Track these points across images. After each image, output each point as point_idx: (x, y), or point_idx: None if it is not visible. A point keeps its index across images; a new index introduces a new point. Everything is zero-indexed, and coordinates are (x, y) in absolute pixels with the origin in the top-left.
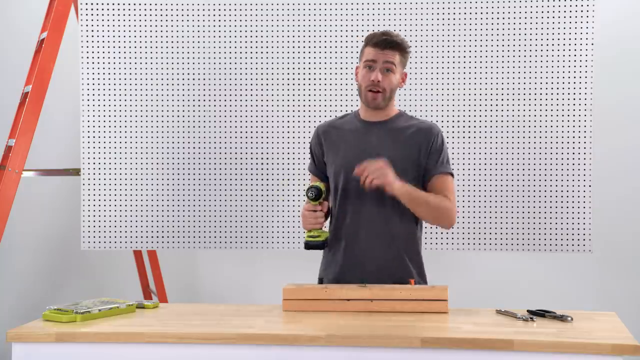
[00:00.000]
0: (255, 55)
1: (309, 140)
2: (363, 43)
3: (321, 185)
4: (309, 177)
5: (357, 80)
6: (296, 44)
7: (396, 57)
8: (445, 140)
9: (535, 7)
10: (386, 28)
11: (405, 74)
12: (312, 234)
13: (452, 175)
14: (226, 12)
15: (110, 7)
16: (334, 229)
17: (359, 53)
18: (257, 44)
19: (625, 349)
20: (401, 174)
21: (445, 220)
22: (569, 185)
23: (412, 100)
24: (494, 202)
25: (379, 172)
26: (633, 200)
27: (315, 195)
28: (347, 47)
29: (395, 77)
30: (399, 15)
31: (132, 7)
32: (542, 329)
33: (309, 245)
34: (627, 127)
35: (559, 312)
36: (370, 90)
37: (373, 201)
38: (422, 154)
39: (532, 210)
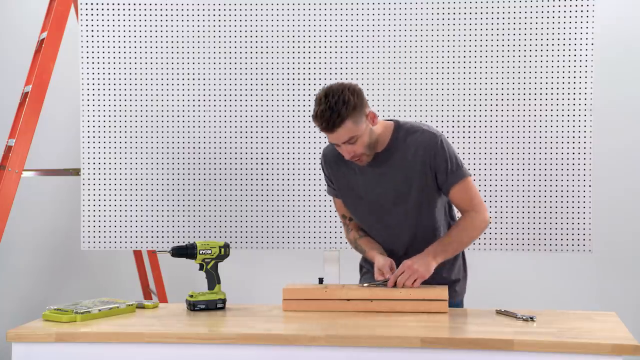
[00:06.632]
0: (255, 55)
1: (310, 140)
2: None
3: None
4: (331, 200)
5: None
6: (296, 44)
7: (347, 128)
8: (449, 143)
9: (535, 7)
10: (387, 28)
11: (372, 113)
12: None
13: (469, 175)
14: (226, 12)
15: (110, 7)
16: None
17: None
18: (257, 44)
19: (625, 349)
20: (409, 191)
21: (480, 232)
22: (569, 185)
23: (413, 100)
24: (494, 202)
25: (415, 275)
26: (633, 200)
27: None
28: (347, 47)
29: (362, 138)
30: (399, 15)
31: (132, 7)
32: (542, 329)
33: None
34: (627, 127)
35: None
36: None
37: (399, 217)
38: (426, 168)
39: (532, 210)
